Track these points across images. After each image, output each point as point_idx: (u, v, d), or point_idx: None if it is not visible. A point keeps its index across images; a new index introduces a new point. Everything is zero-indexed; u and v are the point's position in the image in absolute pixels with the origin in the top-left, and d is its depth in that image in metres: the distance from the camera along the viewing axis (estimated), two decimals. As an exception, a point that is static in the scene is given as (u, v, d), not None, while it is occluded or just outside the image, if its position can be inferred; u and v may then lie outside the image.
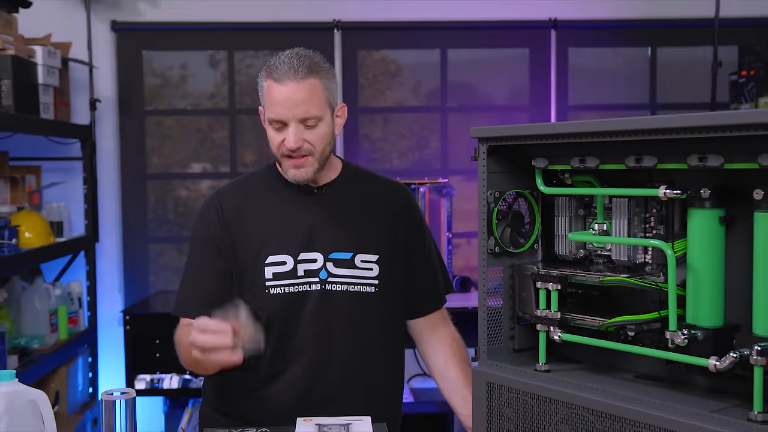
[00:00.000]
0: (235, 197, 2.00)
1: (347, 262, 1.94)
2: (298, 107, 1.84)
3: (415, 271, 2.06)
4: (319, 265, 1.93)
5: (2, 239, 3.10)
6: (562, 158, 1.57)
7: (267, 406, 1.93)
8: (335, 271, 1.94)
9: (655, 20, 4.25)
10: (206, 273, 1.97)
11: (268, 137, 1.92)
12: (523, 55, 4.33)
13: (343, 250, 1.95)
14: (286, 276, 1.92)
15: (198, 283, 1.98)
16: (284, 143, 1.86)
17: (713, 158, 1.34)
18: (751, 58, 3.83)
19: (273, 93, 1.85)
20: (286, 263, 1.92)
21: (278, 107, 1.84)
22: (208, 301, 1.87)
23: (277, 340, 1.93)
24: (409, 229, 2.05)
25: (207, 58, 4.34)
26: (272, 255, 1.92)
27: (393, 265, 2.00)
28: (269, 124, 1.89)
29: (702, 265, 1.40)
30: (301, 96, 1.84)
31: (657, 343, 1.46)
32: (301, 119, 1.85)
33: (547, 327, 1.59)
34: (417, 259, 2.06)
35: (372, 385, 2.00)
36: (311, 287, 1.93)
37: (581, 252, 1.64)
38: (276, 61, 1.87)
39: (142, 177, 4.29)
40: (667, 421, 1.34)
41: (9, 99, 3.15)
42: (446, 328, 2.12)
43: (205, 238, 1.98)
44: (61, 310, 3.60)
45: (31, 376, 3.04)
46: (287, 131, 1.85)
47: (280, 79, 1.84)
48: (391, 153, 4.38)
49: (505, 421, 1.59)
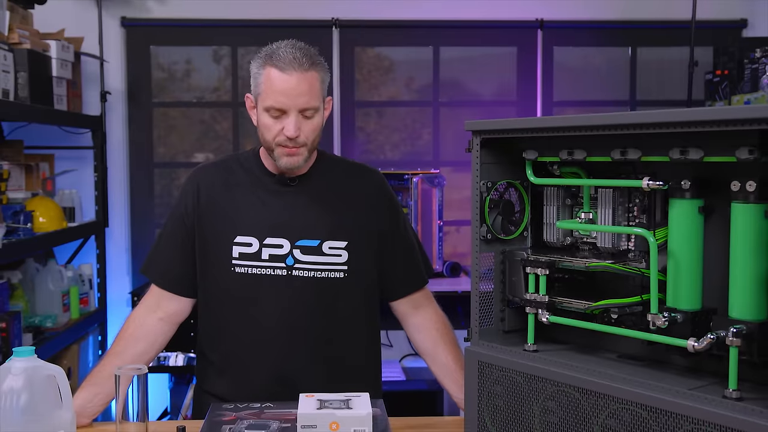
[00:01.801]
0: (213, 176, 1.98)
1: (314, 249, 1.91)
2: (301, 97, 1.80)
3: (392, 253, 2.01)
4: (285, 251, 1.90)
5: (18, 224, 3.09)
6: (551, 150, 1.58)
7: (243, 386, 1.92)
8: (302, 258, 1.90)
9: (635, 21, 4.26)
10: (170, 243, 2.00)
11: (261, 124, 1.86)
12: (510, 53, 4.33)
13: (310, 237, 1.91)
14: (251, 257, 1.90)
15: (162, 251, 2.02)
16: (282, 132, 1.82)
17: (694, 152, 1.35)
18: (725, 59, 3.84)
19: (276, 81, 1.80)
20: (251, 245, 1.91)
21: (281, 96, 1.80)
22: (167, 268, 1.99)
23: (244, 321, 1.91)
24: (382, 213, 2.01)
25: (211, 54, 4.32)
26: (240, 236, 1.91)
27: (364, 250, 1.95)
28: (265, 111, 1.83)
29: (682, 252, 1.41)
30: (305, 87, 1.80)
31: (639, 325, 1.47)
32: (301, 109, 1.81)
33: (535, 310, 1.60)
34: (392, 242, 2.02)
35: (345, 368, 1.96)
36: (275, 272, 1.90)
37: (568, 239, 1.65)
38: (276, 50, 1.82)
39: (149, 165, 4.28)
40: (647, 398, 1.35)
41: (25, 90, 3.14)
42: (431, 309, 2.06)
43: (178, 212, 1.99)
44: (72, 291, 3.59)
45: (45, 353, 3.04)
46: (286, 120, 1.82)
47: (284, 69, 1.79)
48: (384, 145, 4.38)
49: (496, 398, 1.60)
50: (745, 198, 1.30)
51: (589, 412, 1.43)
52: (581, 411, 1.45)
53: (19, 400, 1.45)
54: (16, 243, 3.00)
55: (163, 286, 1.98)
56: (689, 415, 1.29)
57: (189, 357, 3.59)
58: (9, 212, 3.08)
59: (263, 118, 1.85)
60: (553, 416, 1.49)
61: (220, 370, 1.96)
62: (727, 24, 4.22)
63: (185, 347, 3.57)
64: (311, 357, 1.92)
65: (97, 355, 3.94)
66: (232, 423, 1.61)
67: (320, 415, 1.51)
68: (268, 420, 1.62)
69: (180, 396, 3.80)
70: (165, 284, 1.98)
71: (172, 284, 1.98)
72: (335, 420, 1.51)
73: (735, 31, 4.21)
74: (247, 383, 1.92)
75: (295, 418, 1.55)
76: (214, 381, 1.98)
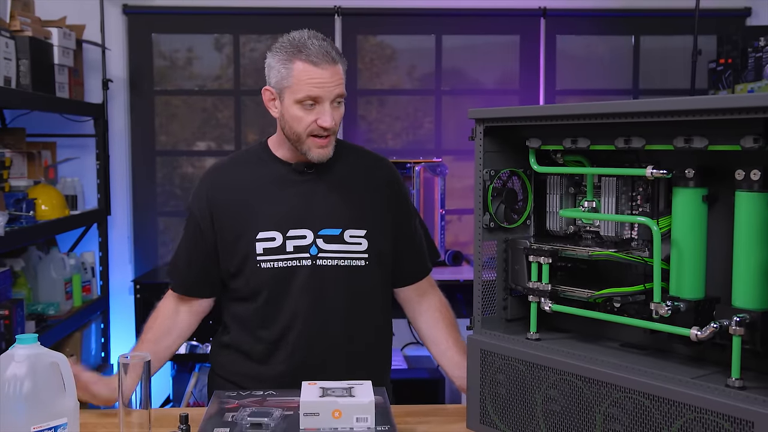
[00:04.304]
0: (226, 175, 1.98)
1: (337, 237, 1.92)
2: (336, 88, 1.83)
3: (402, 242, 2.03)
4: (309, 242, 1.91)
5: (20, 211, 3.09)
6: (555, 139, 1.57)
7: (266, 376, 1.93)
8: (325, 247, 1.91)
9: (638, 10, 4.24)
10: (188, 248, 2.00)
11: (291, 116, 1.85)
12: (513, 41, 4.31)
13: (332, 226, 1.92)
14: (276, 251, 1.90)
15: (180, 257, 2.02)
16: (317, 122, 1.83)
17: (698, 140, 1.34)
18: (729, 48, 3.82)
19: (311, 73, 1.80)
20: (275, 239, 1.90)
21: (317, 88, 1.81)
22: (187, 275, 2.00)
23: (271, 314, 1.92)
24: (395, 203, 2.03)
25: (212, 42, 4.31)
26: (262, 231, 1.90)
27: (381, 238, 1.97)
28: (297, 103, 1.83)
29: (685, 241, 1.41)
30: (337, 78, 1.83)
31: (641, 313, 1.47)
32: (333, 99, 1.84)
33: (538, 298, 1.59)
34: (404, 231, 2.04)
35: (364, 353, 1.99)
36: (301, 263, 1.91)
37: (571, 228, 1.65)
38: (303, 43, 1.82)
39: (151, 154, 4.27)
40: (650, 387, 1.35)
41: (27, 78, 3.13)
42: (434, 295, 2.10)
43: (192, 216, 1.98)
44: (75, 279, 3.60)
45: (48, 341, 3.04)
46: (321, 110, 1.83)
47: (317, 63, 1.80)
48: (386, 134, 4.37)
49: (498, 386, 1.60)
50: (749, 187, 1.30)
51: (591, 400, 1.43)
52: (584, 399, 1.45)
53: (23, 387, 1.45)
54: (18, 231, 2.99)
55: (183, 293, 2.01)
56: (692, 403, 1.29)
57: (191, 345, 3.59)
58: (11, 200, 3.08)
59: (293, 111, 1.84)
60: (555, 404, 1.49)
61: (245, 360, 1.97)
62: (731, 12, 4.20)
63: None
64: (337, 345, 1.94)
65: (100, 342, 3.95)
66: (234, 410, 1.61)
67: (323, 402, 1.51)
68: (271, 407, 1.62)
69: (182, 383, 3.81)
70: (185, 291, 2.01)
71: (192, 290, 2.00)
72: (338, 408, 1.51)
73: (738, 19, 4.19)
74: (271, 372, 1.94)
75: (297, 406, 1.55)
76: (237, 370, 1.98)
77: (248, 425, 1.53)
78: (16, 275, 3.28)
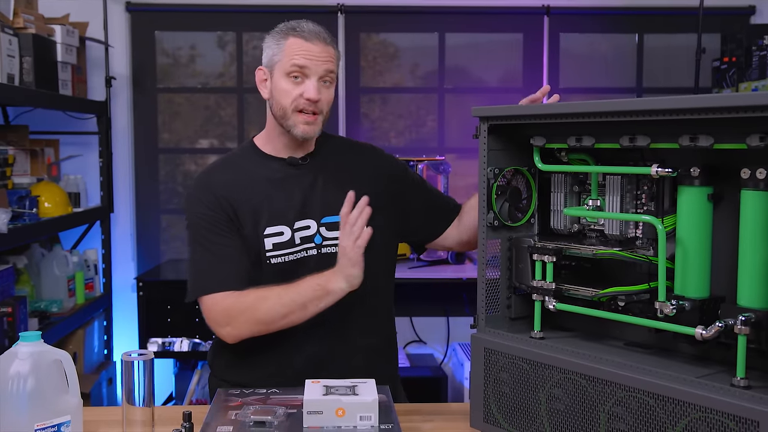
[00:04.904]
0: (223, 175, 1.95)
1: (338, 224, 1.89)
2: (325, 63, 1.85)
3: (418, 202, 2.05)
4: (313, 231, 1.91)
5: (23, 209, 3.09)
6: (559, 137, 1.57)
7: (275, 370, 1.91)
8: (328, 234, 1.92)
9: (642, 8, 4.23)
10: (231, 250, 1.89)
11: (279, 90, 1.87)
12: (516, 39, 4.30)
13: (332, 213, 1.91)
14: (285, 245, 1.90)
15: (228, 261, 1.88)
16: (303, 95, 1.84)
17: (704, 138, 1.33)
18: (733, 46, 3.81)
19: (299, 47, 1.84)
20: (283, 233, 1.90)
21: (305, 60, 1.84)
22: (244, 274, 1.87)
23: None
24: (390, 175, 2.03)
25: (215, 40, 4.31)
26: (270, 226, 1.90)
27: (381, 221, 1.94)
28: (285, 76, 1.85)
29: (690, 240, 1.40)
30: (327, 56, 1.86)
31: (646, 312, 1.46)
32: (321, 76, 1.85)
33: (542, 297, 1.59)
34: (412, 193, 2.05)
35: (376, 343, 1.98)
36: (308, 252, 1.91)
37: (575, 226, 1.64)
38: (298, 24, 1.88)
39: (154, 151, 4.27)
40: (655, 386, 1.34)
41: (30, 75, 3.13)
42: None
43: (213, 219, 1.89)
44: (78, 276, 3.60)
45: (50, 338, 3.04)
46: (307, 84, 1.85)
47: (309, 38, 1.85)
48: (389, 132, 4.36)
49: (502, 385, 1.60)
50: (755, 185, 1.29)
51: (595, 399, 1.43)
52: (588, 398, 1.44)
53: (26, 384, 1.45)
54: (21, 228, 2.99)
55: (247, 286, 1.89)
56: (697, 403, 1.28)
57: (194, 342, 3.59)
58: (14, 197, 3.08)
59: (281, 83, 1.87)
60: (559, 403, 1.49)
61: (252, 356, 1.93)
62: (735, 11, 4.19)
63: (190, 333, 3.58)
64: (349, 333, 1.93)
65: (103, 340, 3.95)
66: (238, 409, 1.61)
67: (326, 401, 1.51)
68: (274, 406, 1.62)
69: (185, 381, 3.81)
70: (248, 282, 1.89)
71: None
72: (341, 406, 1.51)
73: (743, 17, 4.18)
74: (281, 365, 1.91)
75: (301, 404, 1.55)
76: (242, 368, 1.95)
77: (251, 423, 1.53)
78: (19, 272, 3.29)
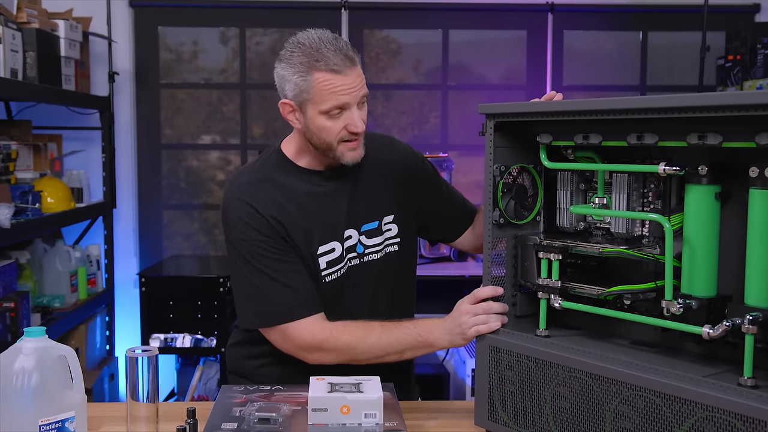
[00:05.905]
0: (265, 193, 1.82)
1: (376, 230, 1.89)
2: (360, 90, 1.75)
3: (440, 199, 2.02)
4: (355, 241, 1.87)
5: (26, 204, 3.09)
6: (566, 135, 1.56)
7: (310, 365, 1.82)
8: (368, 242, 1.89)
9: (646, 6, 4.23)
10: (300, 272, 1.81)
11: (318, 127, 1.75)
12: (520, 36, 4.30)
13: (370, 220, 1.89)
14: (337, 261, 1.85)
15: (301, 284, 1.80)
16: (348, 127, 1.75)
17: (712, 137, 1.33)
18: (738, 44, 3.81)
19: (331, 84, 1.71)
20: (335, 249, 1.84)
21: (343, 96, 1.72)
22: (316, 292, 1.82)
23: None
24: (410, 171, 1.98)
25: (218, 35, 4.30)
26: (322, 245, 1.83)
27: (407, 218, 1.95)
28: (323, 114, 1.74)
29: (697, 239, 1.40)
30: (360, 80, 1.75)
31: (652, 311, 1.46)
32: (359, 102, 1.76)
33: (547, 295, 1.59)
34: (435, 189, 2.03)
35: None
36: (351, 263, 1.87)
37: (581, 224, 1.64)
38: (317, 51, 1.71)
39: (157, 147, 4.27)
40: (661, 385, 1.34)
41: (33, 70, 3.13)
42: None
43: (270, 245, 1.79)
44: (80, 272, 3.60)
45: (53, 334, 3.04)
46: (349, 116, 1.74)
47: (340, 70, 1.71)
48: (392, 128, 4.36)
49: (507, 383, 1.60)
50: (763, 184, 1.29)
51: (601, 398, 1.43)
52: (593, 397, 1.44)
53: (30, 380, 1.45)
54: (24, 223, 2.99)
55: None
56: (703, 402, 1.28)
57: (196, 338, 3.59)
58: (17, 192, 3.08)
59: (320, 121, 1.75)
60: (564, 402, 1.49)
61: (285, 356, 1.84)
62: (740, 9, 4.18)
63: (192, 329, 3.58)
64: None
65: (105, 335, 3.95)
66: (242, 405, 1.60)
67: (331, 398, 1.51)
68: (279, 403, 1.62)
69: (187, 377, 3.81)
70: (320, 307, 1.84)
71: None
72: (346, 403, 1.51)
73: (747, 15, 4.17)
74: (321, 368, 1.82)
75: (305, 401, 1.55)
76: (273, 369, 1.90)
77: (256, 420, 1.53)
78: (21, 268, 3.28)
